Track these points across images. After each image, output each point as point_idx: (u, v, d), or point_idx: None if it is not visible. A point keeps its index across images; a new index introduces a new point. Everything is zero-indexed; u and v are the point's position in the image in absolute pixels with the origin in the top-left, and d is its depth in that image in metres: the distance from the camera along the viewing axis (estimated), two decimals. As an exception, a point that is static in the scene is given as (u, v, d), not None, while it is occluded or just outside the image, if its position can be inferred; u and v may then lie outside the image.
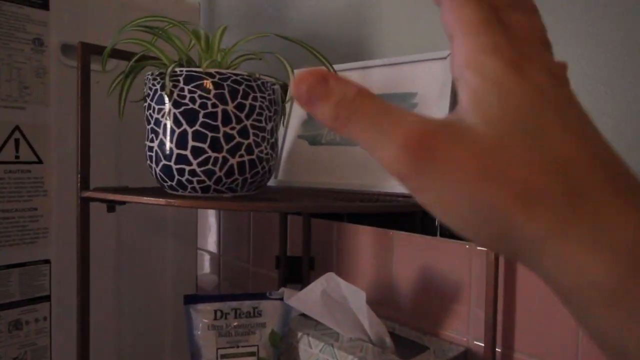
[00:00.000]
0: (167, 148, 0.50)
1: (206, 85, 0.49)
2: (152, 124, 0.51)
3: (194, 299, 0.67)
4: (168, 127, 0.50)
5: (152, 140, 0.51)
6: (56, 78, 0.68)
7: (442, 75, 0.61)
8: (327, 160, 0.67)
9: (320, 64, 0.59)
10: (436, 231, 0.71)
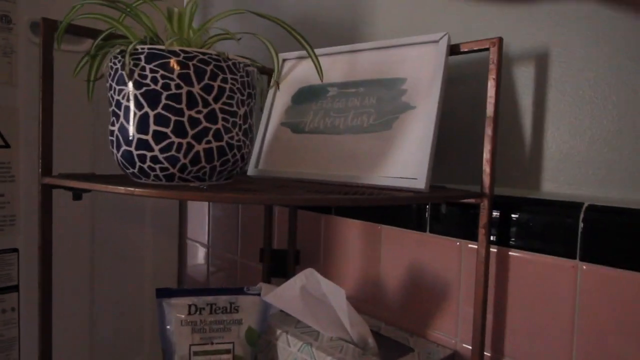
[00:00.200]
0: (128, 132, 0.46)
1: (172, 65, 0.45)
2: (114, 106, 0.47)
3: (167, 293, 0.63)
4: (129, 110, 0.46)
5: (114, 123, 0.48)
6: (25, 57, 0.64)
7: (434, 59, 0.57)
8: (311, 149, 0.63)
9: (299, 46, 0.55)
10: (426, 226, 0.67)
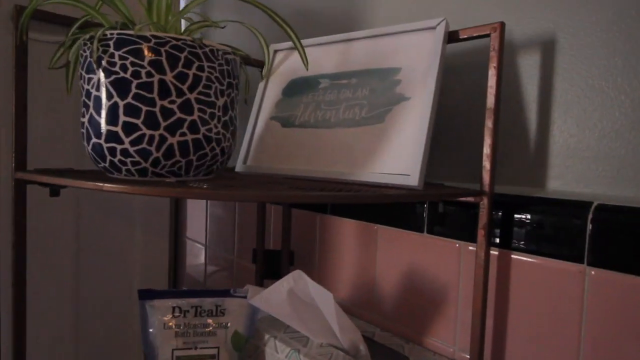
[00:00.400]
0: (97, 124, 0.43)
1: (143, 51, 0.42)
2: (84, 96, 0.45)
3: (150, 294, 0.61)
4: (98, 100, 0.43)
5: (84, 115, 0.45)
6: (4, 49, 0.62)
7: (430, 47, 0.53)
8: (300, 144, 0.60)
9: (284, 34, 0.51)
10: (423, 227, 0.63)
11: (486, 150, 0.51)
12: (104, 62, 0.42)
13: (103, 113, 0.43)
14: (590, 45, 0.49)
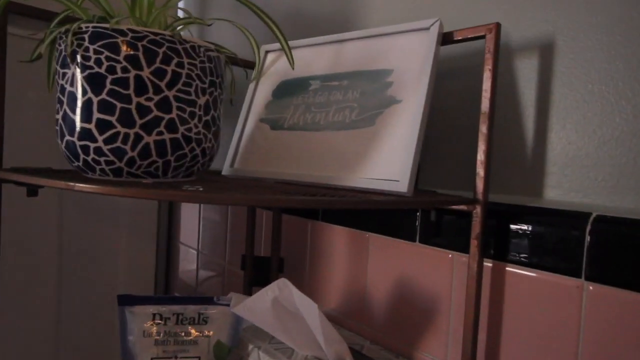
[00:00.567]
0: (71, 121, 0.41)
1: (121, 46, 0.40)
2: (58, 92, 0.43)
3: (130, 300, 0.58)
4: (72, 95, 0.41)
5: (58, 111, 0.43)
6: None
7: (424, 49, 0.51)
8: (288, 147, 0.58)
9: (271, 34, 0.50)
10: (415, 236, 0.60)
11: (480, 156, 0.49)
12: (79, 57, 0.40)
13: (77, 109, 0.41)
14: (590, 48, 0.47)
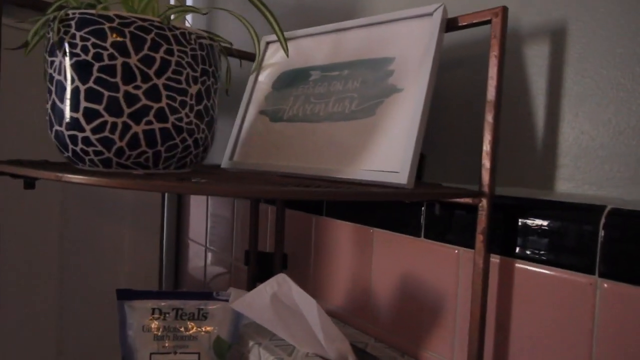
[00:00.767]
0: (60, 110, 0.41)
1: (108, 32, 0.39)
2: (47, 81, 0.42)
3: (129, 294, 0.58)
4: (60, 84, 0.40)
5: (47, 100, 0.42)
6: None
7: (427, 35, 0.49)
8: (287, 139, 0.56)
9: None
10: (420, 231, 0.58)
11: (486, 147, 0.46)
12: (66, 44, 0.39)
13: (64, 98, 0.40)
14: (604, 32, 0.44)
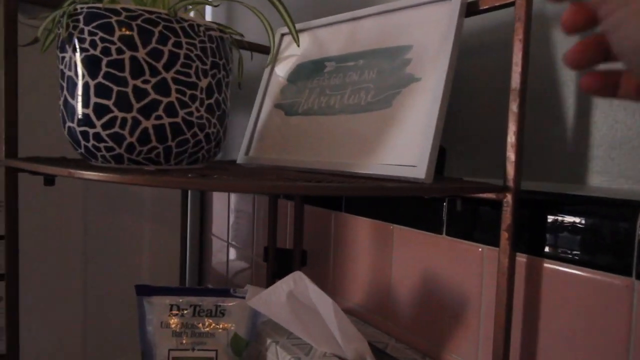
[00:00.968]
0: (71, 106, 0.41)
1: (115, 26, 0.38)
2: (59, 77, 0.42)
3: (148, 290, 0.58)
4: (71, 80, 0.40)
5: (59, 97, 0.42)
6: (13, 37, 0.61)
7: (445, 21, 0.46)
8: (303, 133, 0.55)
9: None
10: (442, 228, 0.56)
11: (510, 138, 0.43)
12: (75, 39, 0.39)
13: (75, 94, 0.40)
14: None
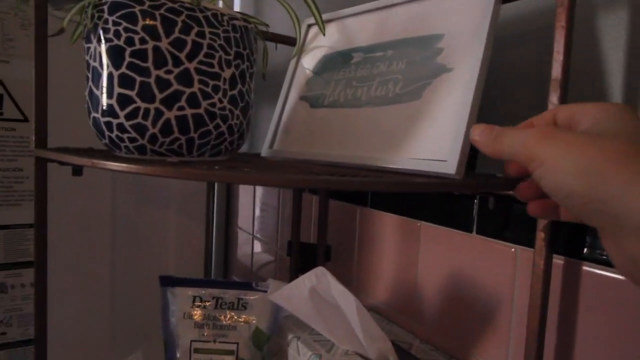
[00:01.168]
0: (96, 97, 0.41)
1: (138, 16, 0.38)
2: (85, 68, 0.42)
3: (171, 281, 0.58)
4: (95, 71, 0.40)
5: (85, 88, 0.42)
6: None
7: (480, 8, 0.44)
8: (329, 126, 0.53)
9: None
10: (472, 226, 0.53)
11: (549, 132, 0.40)
12: (100, 30, 0.39)
13: (100, 85, 0.40)
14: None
